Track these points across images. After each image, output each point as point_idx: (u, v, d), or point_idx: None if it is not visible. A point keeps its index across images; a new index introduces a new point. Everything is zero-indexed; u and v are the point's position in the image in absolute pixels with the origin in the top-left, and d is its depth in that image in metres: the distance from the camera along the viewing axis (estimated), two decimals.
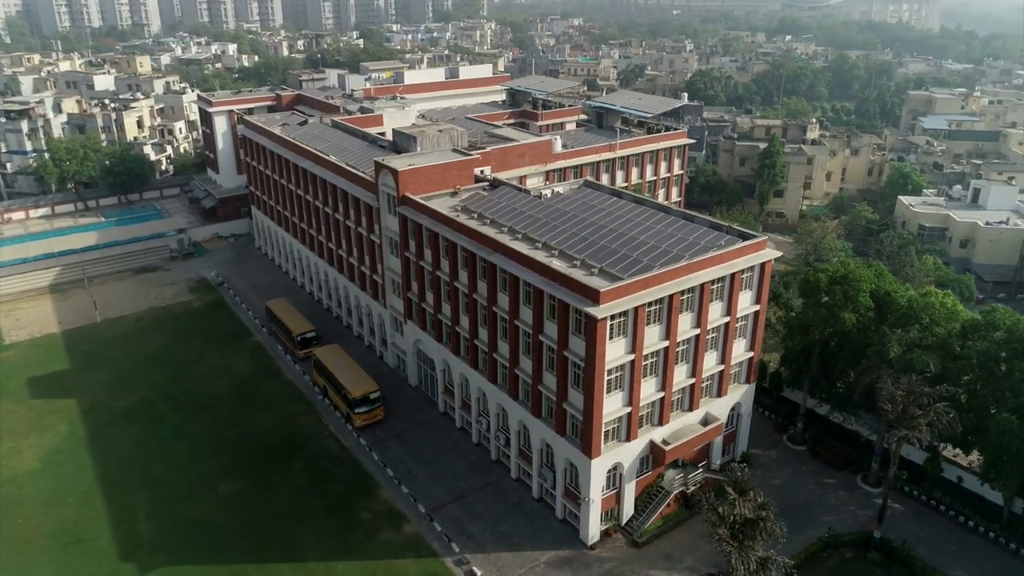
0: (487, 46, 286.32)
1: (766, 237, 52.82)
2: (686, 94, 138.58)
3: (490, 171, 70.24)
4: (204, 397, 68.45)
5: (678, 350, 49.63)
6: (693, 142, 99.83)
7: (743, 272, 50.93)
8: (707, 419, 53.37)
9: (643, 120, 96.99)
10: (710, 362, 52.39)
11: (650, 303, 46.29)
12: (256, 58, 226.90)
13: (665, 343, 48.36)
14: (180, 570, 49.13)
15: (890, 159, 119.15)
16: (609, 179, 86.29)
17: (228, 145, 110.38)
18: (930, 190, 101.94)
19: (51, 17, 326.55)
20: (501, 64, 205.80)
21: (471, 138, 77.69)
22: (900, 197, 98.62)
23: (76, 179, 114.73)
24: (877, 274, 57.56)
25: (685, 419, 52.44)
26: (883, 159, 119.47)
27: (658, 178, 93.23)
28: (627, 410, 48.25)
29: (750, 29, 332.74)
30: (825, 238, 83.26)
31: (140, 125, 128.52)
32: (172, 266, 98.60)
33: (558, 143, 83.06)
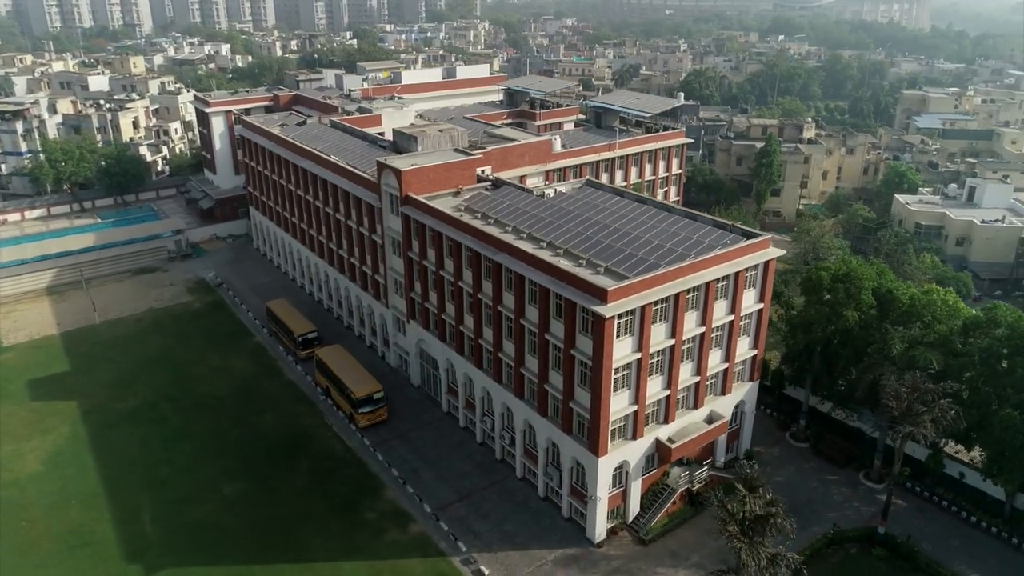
0: (481, 46, 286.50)
1: (770, 236, 53.10)
2: (682, 94, 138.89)
3: (491, 171, 70.39)
4: (206, 398, 68.29)
5: (684, 348, 49.89)
6: (691, 141, 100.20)
7: (747, 270, 51.24)
8: (712, 417, 53.66)
9: (641, 120, 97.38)
10: (715, 360, 52.68)
11: (656, 302, 46.49)
12: (250, 58, 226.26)
13: (671, 341, 48.60)
14: (187, 571, 49.08)
15: (885, 158, 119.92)
16: (608, 178, 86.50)
17: (225, 146, 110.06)
18: (926, 189, 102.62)
19: (41, 17, 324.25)
20: (496, 64, 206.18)
21: (471, 138, 77.76)
22: (897, 196, 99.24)
23: (72, 180, 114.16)
24: (879, 272, 58.00)
25: (690, 417, 52.70)
26: (878, 158, 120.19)
27: (657, 177, 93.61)
28: (633, 408, 48.46)
29: (743, 29, 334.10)
30: (823, 237, 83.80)
31: (136, 126, 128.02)
32: (170, 267, 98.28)
33: (558, 143, 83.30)
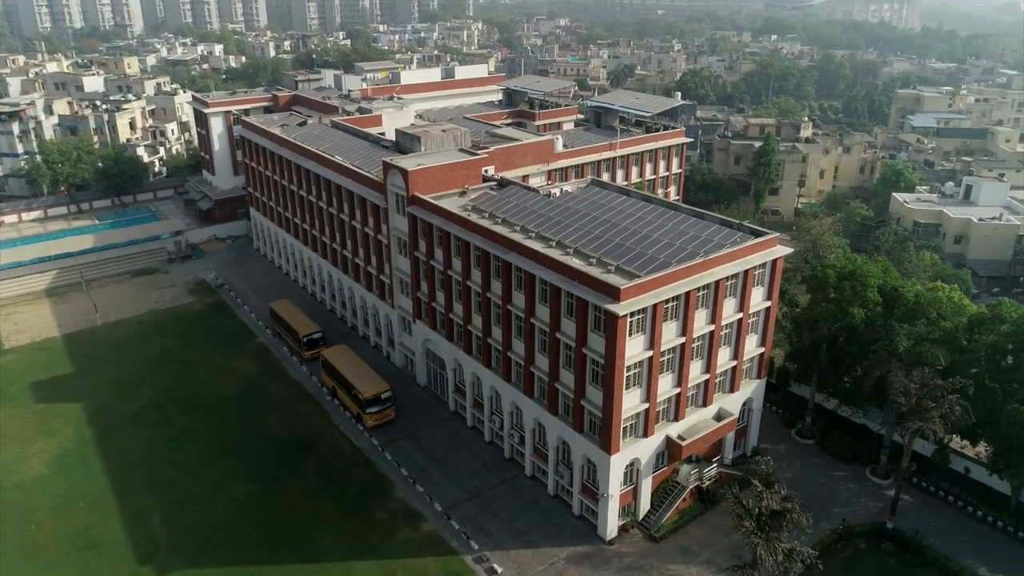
0: (475, 46, 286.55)
1: (777, 234, 53.46)
2: (679, 93, 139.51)
3: (494, 171, 70.49)
4: (212, 399, 68.10)
5: (694, 346, 50.18)
6: (691, 141, 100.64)
7: (756, 269, 51.58)
8: (720, 414, 53.98)
9: (641, 119, 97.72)
10: (723, 358, 53.01)
11: (668, 300, 46.73)
12: (243, 59, 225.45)
13: (681, 339, 48.88)
14: (198, 572, 48.98)
15: (881, 157, 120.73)
16: (610, 178, 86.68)
17: (224, 146, 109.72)
18: (923, 187, 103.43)
19: (31, 18, 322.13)
20: (491, 64, 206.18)
21: (472, 138, 77.85)
22: (894, 194, 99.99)
23: (69, 182, 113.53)
24: (884, 269, 58.46)
25: (699, 415, 53.01)
26: (875, 157, 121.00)
27: (657, 177, 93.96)
28: (644, 406, 48.71)
29: (735, 29, 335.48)
30: (824, 235, 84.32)
31: (133, 127, 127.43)
32: (170, 268, 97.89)
33: (559, 142, 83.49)
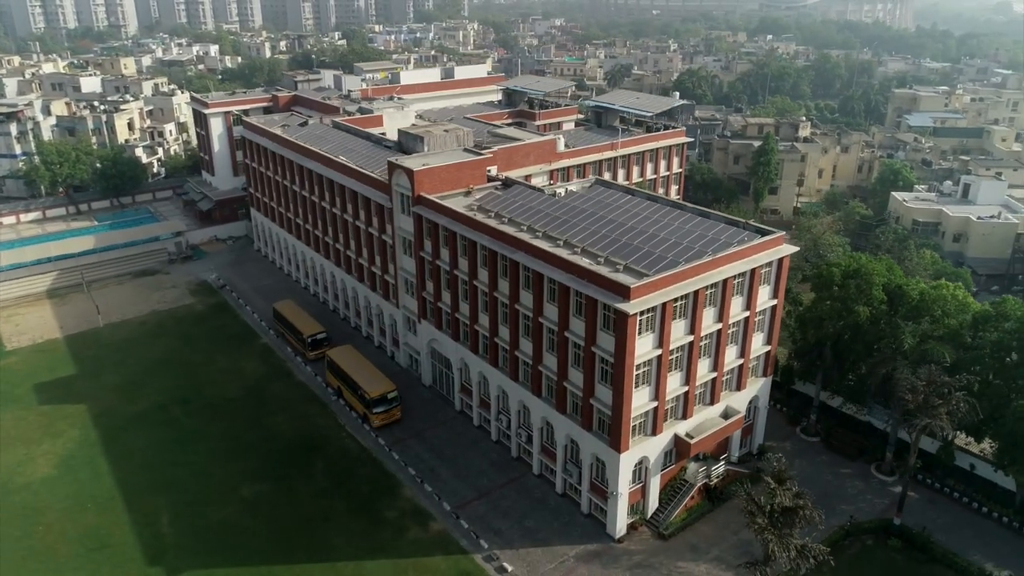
0: (471, 46, 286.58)
1: (783, 233, 53.83)
2: (677, 93, 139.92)
3: (496, 170, 70.67)
4: (217, 400, 68.07)
5: (702, 344, 50.47)
6: (692, 140, 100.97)
7: (762, 267, 51.91)
8: (727, 412, 54.28)
9: (641, 119, 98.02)
10: (731, 356, 53.34)
11: (677, 298, 47.00)
12: (239, 59, 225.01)
13: (690, 338, 49.16)
14: (209, 573, 48.98)
15: (879, 156, 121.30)
16: (611, 177, 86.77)
17: (224, 147, 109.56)
18: (921, 186, 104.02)
19: (25, 18, 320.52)
20: (488, 64, 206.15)
21: (474, 138, 78.00)
22: (893, 193, 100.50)
23: (68, 183, 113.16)
24: (888, 268, 58.88)
25: (707, 413, 53.30)
26: (872, 156, 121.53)
27: (658, 176, 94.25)
28: (653, 404, 48.97)
29: (730, 29, 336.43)
30: (824, 234, 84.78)
31: (131, 127, 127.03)
32: (171, 269, 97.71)
33: (561, 142, 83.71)
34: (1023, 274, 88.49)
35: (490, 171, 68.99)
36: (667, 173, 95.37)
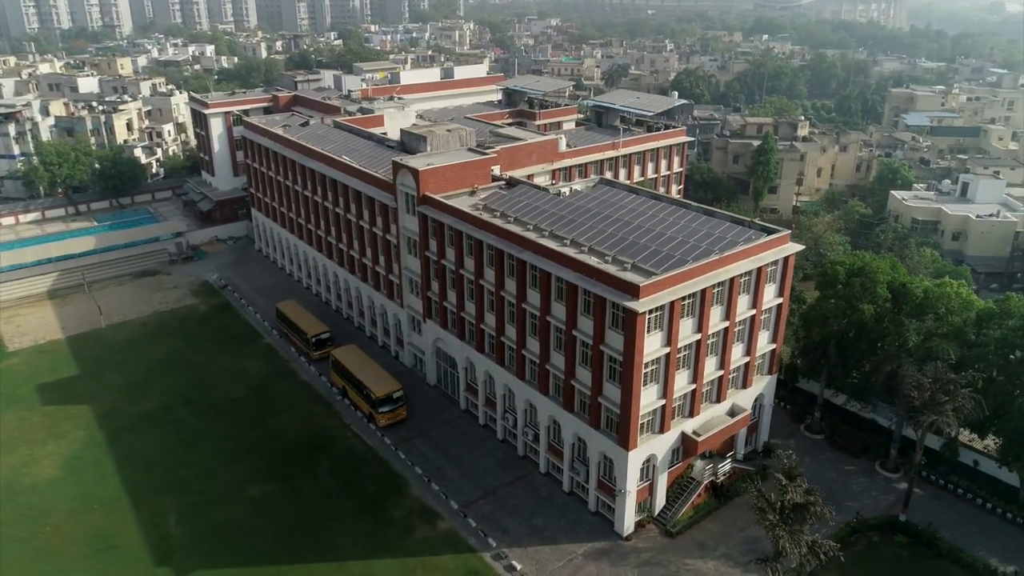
0: (467, 46, 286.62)
1: (788, 231, 54.10)
2: (676, 93, 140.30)
3: (499, 170, 70.81)
4: (221, 401, 67.99)
5: (709, 342, 50.68)
6: (691, 140, 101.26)
7: (768, 265, 52.16)
8: (734, 410, 54.52)
9: (641, 119, 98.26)
10: (737, 354, 53.56)
11: (685, 297, 47.19)
12: (235, 60, 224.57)
13: (697, 336, 49.36)
14: (218, 573, 48.98)
15: (877, 155, 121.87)
16: (612, 176, 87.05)
17: (224, 147, 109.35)
18: (919, 185, 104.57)
19: (19, 18, 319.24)
20: (485, 64, 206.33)
21: (476, 138, 78.08)
22: (892, 192, 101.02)
23: (67, 183, 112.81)
24: (891, 266, 59.21)
25: (713, 410, 53.53)
26: (870, 155, 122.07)
27: (659, 176, 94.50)
28: (661, 402, 49.16)
29: (725, 28, 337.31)
30: (825, 233, 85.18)
31: (129, 128, 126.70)
32: (172, 270, 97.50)
33: (563, 142, 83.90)
34: (1022, 272, 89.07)
35: (493, 171, 69.14)
36: (668, 172, 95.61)
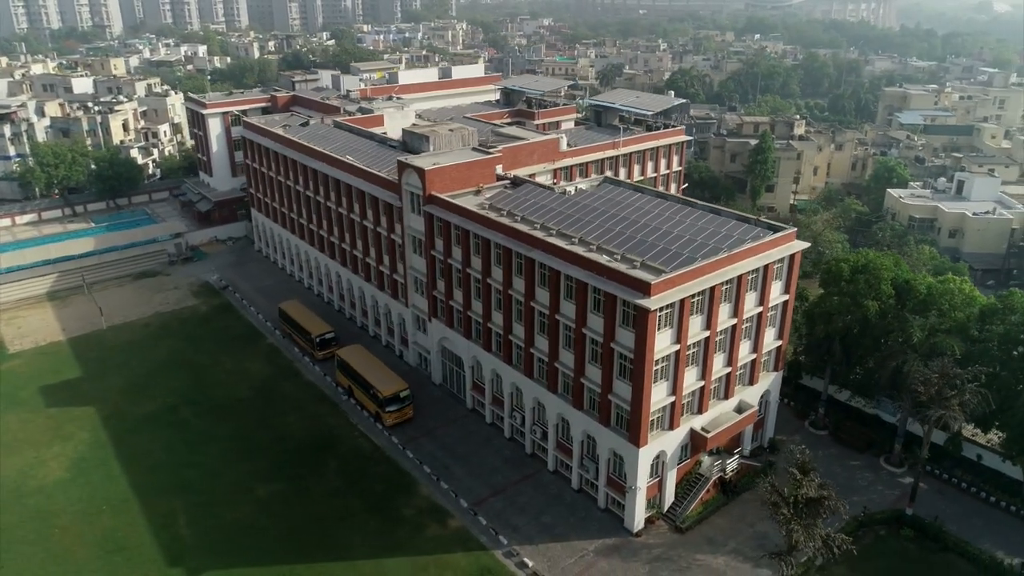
0: (460, 46, 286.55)
1: (795, 229, 54.59)
2: (672, 92, 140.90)
3: (501, 169, 70.93)
4: (226, 401, 67.88)
5: (717, 340, 51.04)
6: (691, 139, 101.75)
7: (775, 263, 52.60)
8: (741, 406, 54.91)
9: (640, 118, 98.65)
10: (744, 351, 54.00)
11: (694, 294, 47.55)
12: (228, 60, 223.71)
13: (706, 333, 49.73)
14: (229, 573, 48.96)
15: (873, 153, 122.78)
16: (612, 175, 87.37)
17: (223, 147, 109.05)
18: (915, 183, 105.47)
19: (8, 18, 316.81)
20: (481, 64, 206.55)
21: (478, 137, 78.19)
22: (889, 190, 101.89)
23: (63, 184, 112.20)
24: (895, 263, 59.79)
25: (721, 407, 53.91)
26: (866, 153, 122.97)
27: (658, 174, 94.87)
28: (671, 399, 49.51)
29: (717, 28, 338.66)
30: (823, 231, 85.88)
31: (125, 128, 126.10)
32: (172, 271, 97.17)
33: (564, 141, 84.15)
34: (1018, 268, 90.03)
35: (497, 170, 69.29)
36: (667, 171, 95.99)
